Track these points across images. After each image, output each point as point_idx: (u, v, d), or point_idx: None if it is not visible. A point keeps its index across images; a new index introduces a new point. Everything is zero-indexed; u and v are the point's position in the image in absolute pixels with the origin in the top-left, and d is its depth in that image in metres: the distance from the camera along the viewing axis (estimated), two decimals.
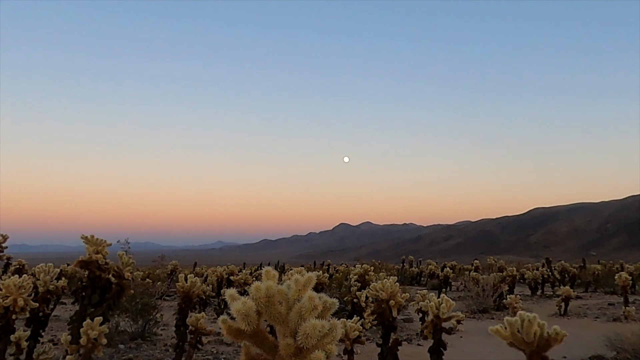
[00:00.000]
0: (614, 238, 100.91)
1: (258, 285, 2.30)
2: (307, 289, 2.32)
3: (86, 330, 7.55)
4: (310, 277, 2.34)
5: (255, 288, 2.29)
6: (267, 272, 2.41)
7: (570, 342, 12.24)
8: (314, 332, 2.05)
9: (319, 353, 2.05)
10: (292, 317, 2.25)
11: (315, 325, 2.07)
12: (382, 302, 7.14)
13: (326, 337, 2.10)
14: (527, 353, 4.62)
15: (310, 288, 2.34)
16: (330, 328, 2.12)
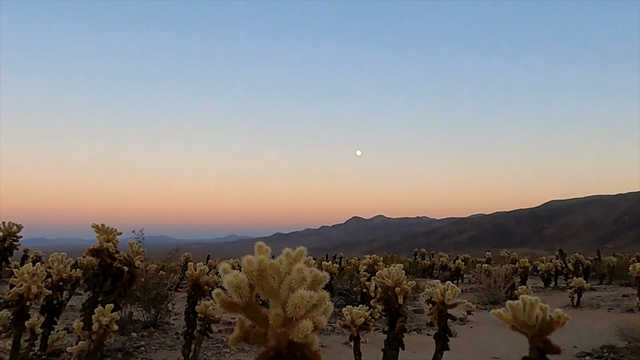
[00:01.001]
0: (631, 231, 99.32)
1: (250, 258, 2.35)
2: (297, 262, 2.36)
3: (98, 317, 7.70)
4: (302, 250, 2.38)
5: (247, 261, 2.34)
6: (259, 247, 2.46)
7: (582, 333, 12.21)
8: (302, 302, 2.10)
9: (306, 322, 2.09)
10: (282, 289, 2.30)
11: (303, 295, 2.11)
12: (388, 289, 7.16)
13: (315, 308, 2.14)
14: (529, 336, 4.62)
15: (302, 261, 2.38)
16: (320, 299, 2.16)
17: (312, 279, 2.33)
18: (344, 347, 10.40)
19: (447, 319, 6.59)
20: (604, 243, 70.90)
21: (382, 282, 7.22)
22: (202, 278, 8.64)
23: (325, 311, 2.21)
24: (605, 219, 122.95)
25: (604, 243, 70.90)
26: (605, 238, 59.40)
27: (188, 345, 8.51)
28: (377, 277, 7.26)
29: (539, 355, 4.60)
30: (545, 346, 4.56)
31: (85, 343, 7.86)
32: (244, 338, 2.45)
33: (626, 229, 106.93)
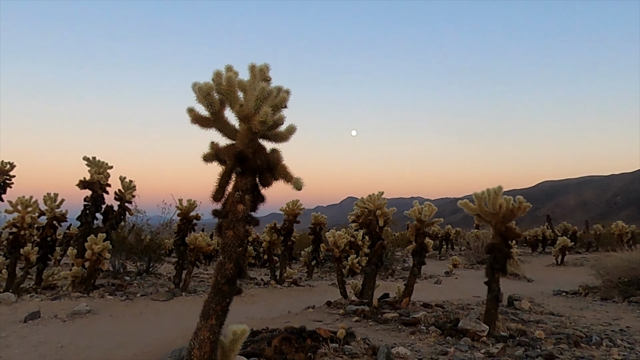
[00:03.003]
0: (623, 211, 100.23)
1: (219, 71, 2.58)
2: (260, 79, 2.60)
3: (90, 245, 7.97)
4: (264, 66, 2.61)
5: (216, 74, 2.58)
6: (227, 68, 2.69)
7: (562, 283, 12.65)
8: (262, 92, 2.34)
9: (265, 108, 2.34)
10: (248, 98, 2.54)
11: (264, 87, 2.36)
12: (370, 214, 7.42)
13: (267, 98, 2.38)
14: (493, 224, 4.94)
15: (262, 80, 2.63)
16: (273, 91, 2.41)
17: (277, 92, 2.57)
18: (329, 288, 10.76)
19: (425, 236, 6.88)
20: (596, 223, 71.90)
21: (364, 206, 7.48)
22: (191, 212, 8.90)
23: (274, 103, 2.46)
24: (598, 200, 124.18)
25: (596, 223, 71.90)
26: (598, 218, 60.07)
27: (178, 274, 8.82)
28: (359, 203, 7.51)
29: (502, 240, 4.93)
30: (507, 231, 4.89)
31: (78, 269, 8.15)
32: (215, 155, 2.70)
33: (618, 210, 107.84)
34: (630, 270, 9.69)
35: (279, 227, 10.99)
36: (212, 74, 2.56)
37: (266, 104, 2.40)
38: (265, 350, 3.85)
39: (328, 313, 6.53)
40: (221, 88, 2.54)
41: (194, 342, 2.53)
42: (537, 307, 7.22)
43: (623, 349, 4.61)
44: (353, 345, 4.32)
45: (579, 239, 27.20)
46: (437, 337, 4.91)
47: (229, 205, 2.59)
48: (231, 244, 2.56)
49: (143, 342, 5.39)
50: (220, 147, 2.70)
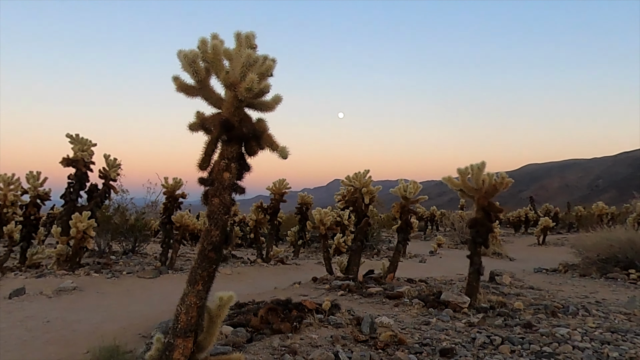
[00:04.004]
0: (605, 194, 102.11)
1: (204, 39, 2.57)
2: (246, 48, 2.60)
3: (75, 222, 7.91)
4: (250, 33, 2.61)
5: (202, 42, 2.56)
6: (213, 35, 2.67)
7: (543, 261, 12.94)
8: (248, 59, 2.35)
9: (251, 75, 2.35)
10: (234, 65, 2.54)
11: (250, 53, 2.36)
12: (356, 191, 7.49)
13: (253, 65, 2.39)
14: (476, 199, 5.03)
15: (248, 48, 2.62)
16: (258, 59, 2.42)
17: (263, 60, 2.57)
18: (315, 266, 10.89)
19: (409, 213, 6.97)
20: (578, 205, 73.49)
21: (350, 184, 7.54)
22: (177, 190, 8.87)
23: (266, 70, 2.47)
24: (581, 183, 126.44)
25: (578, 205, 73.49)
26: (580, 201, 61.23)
27: (165, 253, 8.83)
28: (346, 181, 7.56)
29: (484, 214, 5.03)
30: (490, 206, 4.99)
31: (63, 247, 8.10)
32: (201, 124, 2.70)
33: (600, 192, 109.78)
34: (608, 248, 9.96)
35: (265, 207, 11.02)
36: (198, 41, 2.55)
37: (252, 71, 2.40)
38: (251, 320, 3.92)
39: (314, 288, 6.63)
40: (207, 56, 2.53)
41: (180, 307, 2.57)
42: (517, 282, 7.41)
43: (598, 318, 4.79)
44: (338, 316, 4.41)
45: (561, 220, 27.78)
46: (420, 309, 5.03)
47: (215, 173, 2.61)
48: (217, 211, 2.59)
49: (131, 315, 5.43)
50: (206, 116, 2.70)
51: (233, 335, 3.66)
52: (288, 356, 3.28)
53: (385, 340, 3.68)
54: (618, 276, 8.79)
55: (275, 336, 3.72)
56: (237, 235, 16.79)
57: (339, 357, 3.29)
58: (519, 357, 3.45)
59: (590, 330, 4.22)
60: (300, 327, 3.92)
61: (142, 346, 3.60)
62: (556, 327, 4.25)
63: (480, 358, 3.45)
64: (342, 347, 3.54)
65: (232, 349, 3.33)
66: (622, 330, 4.23)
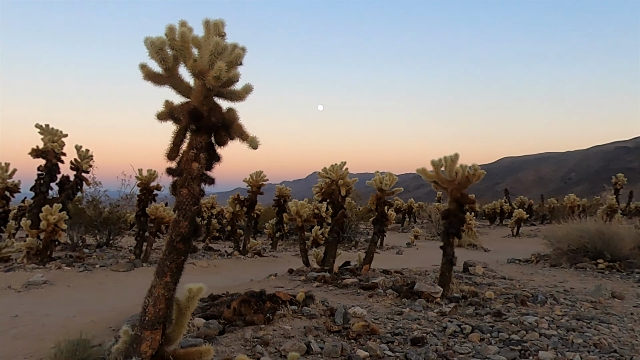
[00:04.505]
0: (577, 186, 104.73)
1: (172, 26, 2.52)
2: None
3: (46, 215, 7.72)
4: (219, 21, 2.57)
5: (169, 29, 2.51)
6: (181, 23, 2.62)
7: (517, 252, 13.20)
8: (216, 47, 2.31)
9: (220, 63, 2.32)
10: (203, 53, 2.50)
11: (218, 41, 2.32)
12: (332, 183, 7.49)
13: (221, 54, 2.36)
14: (449, 190, 5.09)
15: (216, 35, 2.58)
16: (227, 47, 2.38)
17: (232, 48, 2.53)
18: (293, 258, 10.90)
19: (385, 205, 7.01)
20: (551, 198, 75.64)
21: (327, 176, 7.54)
22: (151, 182, 8.74)
23: (235, 59, 2.44)
24: (554, 175, 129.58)
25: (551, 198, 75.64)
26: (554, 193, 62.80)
27: (139, 245, 8.70)
28: (322, 173, 7.56)
29: (457, 206, 5.10)
30: (462, 197, 5.05)
31: (33, 240, 7.91)
32: (170, 114, 2.66)
33: (572, 185, 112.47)
34: (578, 238, 10.23)
35: (242, 199, 10.96)
36: (165, 28, 2.50)
37: (220, 59, 2.36)
38: (224, 312, 3.90)
39: (290, 280, 6.63)
40: (174, 44, 2.48)
41: (148, 299, 2.53)
42: (490, 272, 7.56)
43: (565, 306, 4.92)
44: (312, 307, 4.42)
45: (535, 212, 28.40)
46: (393, 299, 5.09)
47: (184, 163, 2.57)
48: (186, 202, 2.55)
49: (103, 309, 5.34)
50: (174, 105, 2.65)
51: (205, 327, 3.63)
52: (260, 347, 3.28)
53: (358, 330, 3.71)
54: (587, 266, 9.04)
55: (248, 328, 3.71)
56: (214, 228, 16.66)
57: (311, 347, 3.30)
58: (487, 345, 3.52)
59: (557, 318, 4.34)
60: (273, 319, 3.91)
61: (112, 340, 3.55)
62: (525, 316, 4.35)
63: (450, 346, 3.51)
64: (315, 338, 3.55)
65: (204, 341, 3.30)
66: (587, 318, 4.36)
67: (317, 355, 3.25)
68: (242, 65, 2.56)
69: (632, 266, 8.81)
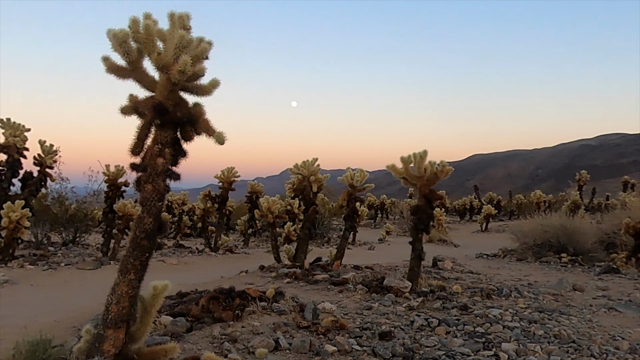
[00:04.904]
0: (544, 183, 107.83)
1: (135, 18, 2.46)
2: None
3: (7, 212, 7.48)
4: (185, 14, 2.53)
5: (133, 21, 2.45)
6: (145, 15, 2.56)
7: (486, 247, 13.50)
8: (181, 40, 2.27)
9: (185, 57, 2.28)
10: (167, 47, 2.45)
11: (183, 35, 2.28)
12: (304, 180, 7.49)
13: (186, 47, 2.32)
14: (419, 186, 5.17)
15: (181, 29, 2.54)
16: (192, 41, 2.35)
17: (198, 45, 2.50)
18: (265, 255, 10.85)
19: (356, 201, 7.06)
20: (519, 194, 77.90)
21: (298, 172, 7.53)
22: (119, 178, 8.55)
23: (201, 53, 2.41)
24: (522, 172, 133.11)
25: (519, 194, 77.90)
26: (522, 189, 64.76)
27: (107, 243, 8.51)
28: (294, 169, 7.55)
29: (426, 202, 5.18)
30: (431, 193, 5.13)
31: None
32: (134, 108, 2.60)
33: (539, 181, 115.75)
34: (543, 233, 10.55)
35: (213, 195, 10.84)
36: (129, 21, 2.45)
37: (186, 53, 2.33)
38: (192, 310, 3.86)
39: (261, 276, 6.61)
40: (138, 36, 2.43)
41: (111, 297, 2.48)
42: (458, 267, 7.71)
43: (528, 299, 5.08)
44: (282, 303, 4.43)
45: (503, 208, 29.11)
46: (363, 295, 5.13)
47: (148, 158, 2.52)
48: (150, 198, 2.51)
49: (67, 308, 5.20)
50: (139, 100, 2.60)
51: (172, 325, 3.59)
52: (228, 344, 3.26)
53: (327, 325, 3.73)
54: (551, 260, 9.34)
55: (217, 325, 3.68)
56: (185, 225, 16.44)
57: (280, 343, 3.30)
58: (453, 338, 3.60)
59: (520, 311, 4.47)
60: (242, 315, 3.90)
61: (75, 339, 3.46)
62: (490, 309, 4.47)
63: (417, 340, 3.57)
64: (284, 334, 3.56)
65: (170, 339, 3.26)
66: (549, 310, 4.51)
67: (285, 351, 3.26)
68: (208, 59, 2.53)
69: (593, 260, 9.15)
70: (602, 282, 6.50)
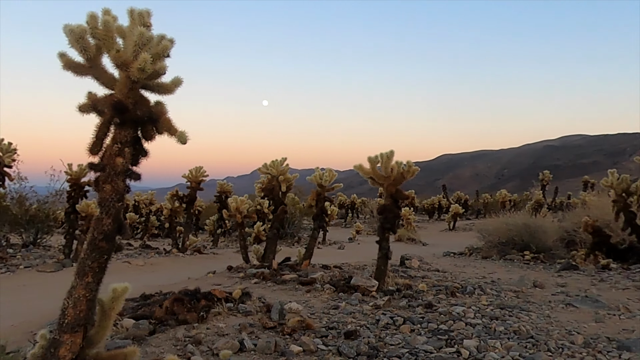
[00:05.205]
0: (510, 182, 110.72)
1: (93, 14, 2.40)
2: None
3: None
4: (145, 11, 2.48)
5: (91, 17, 2.39)
6: (104, 11, 2.50)
7: (454, 245, 13.75)
8: (140, 37, 2.23)
9: (144, 55, 2.24)
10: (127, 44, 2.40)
11: (142, 32, 2.24)
12: (273, 179, 7.47)
13: (146, 45, 2.28)
14: (385, 186, 5.22)
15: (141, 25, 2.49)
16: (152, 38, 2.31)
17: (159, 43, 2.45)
18: (234, 255, 10.76)
19: (325, 201, 7.08)
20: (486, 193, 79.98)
21: (267, 172, 7.50)
22: (82, 178, 8.31)
23: (162, 51, 2.37)
24: (489, 172, 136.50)
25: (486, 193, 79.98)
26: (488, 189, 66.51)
27: (69, 244, 8.26)
28: (263, 168, 7.51)
29: (393, 201, 5.24)
30: (397, 193, 5.20)
31: None
32: (93, 106, 2.53)
33: (506, 181, 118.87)
34: (507, 232, 10.85)
35: (181, 195, 10.67)
36: (86, 16, 2.38)
37: (146, 51, 2.28)
38: (156, 312, 3.79)
39: (228, 277, 6.54)
40: (97, 32, 2.36)
41: (68, 300, 2.41)
42: (425, 265, 7.84)
43: (491, 296, 5.21)
44: (248, 304, 4.40)
45: (470, 207, 29.76)
46: (331, 294, 5.16)
47: (107, 158, 2.46)
48: (109, 199, 2.44)
49: (25, 312, 5.02)
50: (98, 97, 2.53)
51: (134, 328, 3.51)
52: (191, 346, 3.21)
53: (293, 325, 3.73)
54: (515, 257, 9.61)
55: (181, 327, 3.63)
56: (153, 225, 16.14)
57: (245, 344, 3.28)
58: (417, 336, 3.66)
59: (483, 308, 4.59)
60: (207, 317, 3.85)
61: (30, 345, 3.34)
62: (454, 306, 4.56)
63: (382, 338, 3.61)
64: (249, 335, 3.53)
65: (132, 342, 3.19)
66: (509, 307, 4.64)
67: (250, 352, 3.24)
68: (169, 57, 2.48)
69: (554, 257, 9.47)
70: (562, 279, 6.72)
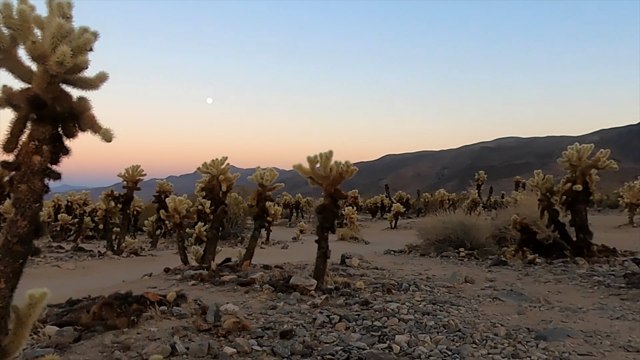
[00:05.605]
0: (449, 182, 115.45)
1: (8, 3, 2.26)
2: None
3: None
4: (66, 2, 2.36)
5: (5, 5, 2.25)
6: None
7: (395, 244, 14.09)
8: (59, 29, 2.11)
9: (63, 48, 2.13)
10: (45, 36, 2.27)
11: (61, 23, 2.13)
12: (213, 179, 7.33)
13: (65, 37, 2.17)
14: (324, 186, 5.27)
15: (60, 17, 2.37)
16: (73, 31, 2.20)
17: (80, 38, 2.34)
18: (174, 256, 10.41)
19: (266, 201, 7.04)
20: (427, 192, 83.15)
21: (207, 171, 7.36)
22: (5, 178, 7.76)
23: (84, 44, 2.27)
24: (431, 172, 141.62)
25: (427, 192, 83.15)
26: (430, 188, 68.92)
27: None
28: (202, 168, 7.36)
29: (332, 201, 5.29)
30: (336, 193, 5.26)
31: None
32: (8, 100, 2.38)
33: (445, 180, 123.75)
34: (444, 230, 11.27)
35: (116, 195, 10.23)
36: (0, 4, 2.23)
37: (65, 44, 2.16)
38: (82, 318, 3.61)
39: (165, 279, 6.36)
40: (11, 22, 2.22)
41: None
42: (365, 264, 7.99)
43: (425, 292, 5.40)
44: (183, 306, 4.29)
45: (412, 206, 30.68)
46: (269, 294, 5.14)
47: (23, 156, 2.31)
48: (25, 199, 2.30)
49: None
50: (13, 91, 2.38)
51: (58, 335, 3.32)
52: (119, 352, 3.09)
53: (229, 327, 3.68)
54: (450, 254, 10.00)
55: (109, 333, 3.47)
56: (87, 227, 15.37)
57: (176, 348, 3.20)
58: (351, 333, 3.72)
59: (416, 304, 4.74)
60: (138, 321, 3.71)
61: None
62: (389, 303, 4.68)
63: (317, 337, 3.65)
64: (182, 338, 3.45)
65: (54, 351, 3.02)
66: (441, 302, 4.83)
67: (182, 356, 3.16)
68: (92, 51, 2.37)
69: (487, 253, 9.94)
70: (491, 274, 7.08)
